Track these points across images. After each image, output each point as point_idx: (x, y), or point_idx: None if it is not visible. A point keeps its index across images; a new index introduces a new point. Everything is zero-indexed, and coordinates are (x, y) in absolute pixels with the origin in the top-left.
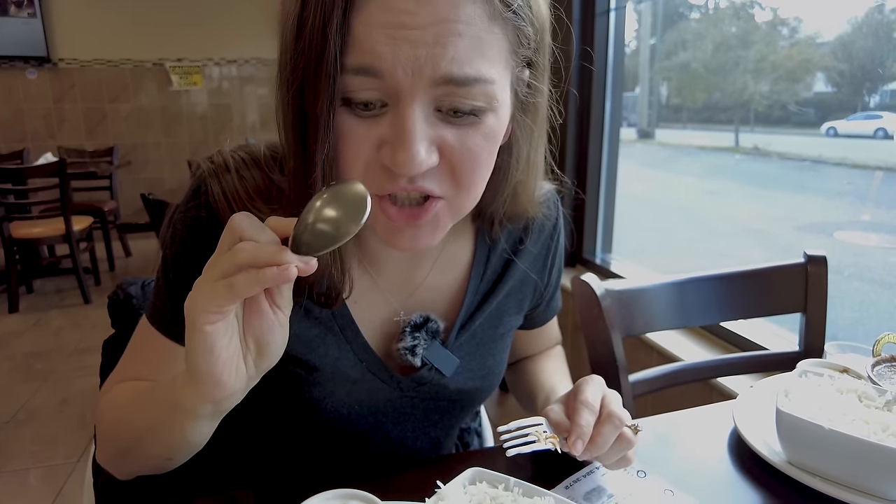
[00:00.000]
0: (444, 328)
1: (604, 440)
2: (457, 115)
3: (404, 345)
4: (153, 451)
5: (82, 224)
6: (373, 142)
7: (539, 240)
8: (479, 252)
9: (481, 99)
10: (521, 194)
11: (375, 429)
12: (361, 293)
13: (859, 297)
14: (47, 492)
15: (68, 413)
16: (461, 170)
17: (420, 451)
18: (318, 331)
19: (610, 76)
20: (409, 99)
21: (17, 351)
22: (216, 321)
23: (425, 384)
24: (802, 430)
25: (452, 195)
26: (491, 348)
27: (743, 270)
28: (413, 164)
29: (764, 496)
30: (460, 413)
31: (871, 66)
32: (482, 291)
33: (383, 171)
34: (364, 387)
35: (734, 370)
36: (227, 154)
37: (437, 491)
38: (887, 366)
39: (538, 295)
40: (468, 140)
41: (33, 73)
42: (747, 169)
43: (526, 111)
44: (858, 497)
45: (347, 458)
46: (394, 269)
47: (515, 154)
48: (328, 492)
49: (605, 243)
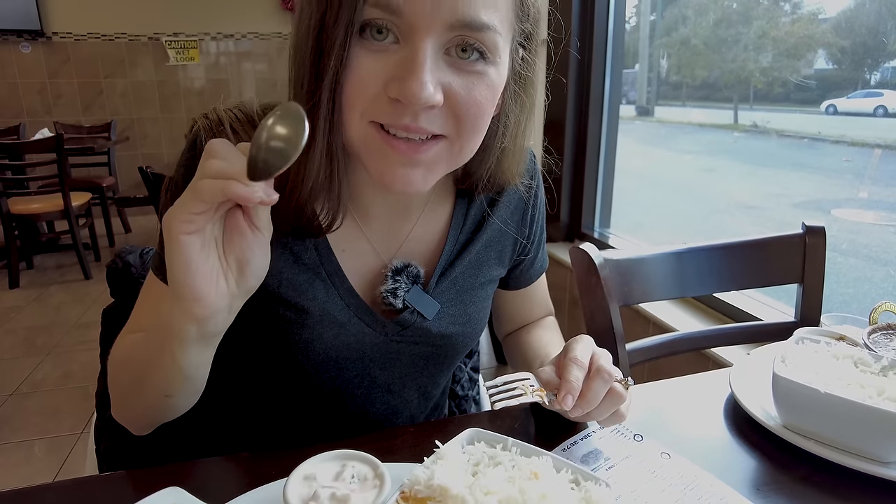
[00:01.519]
0: (425, 275)
1: (593, 395)
2: (464, 53)
3: (386, 287)
4: (151, 390)
5: (81, 200)
6: (382, 76)
7: (515, 194)
8: (459, 206)
9: (487, 47)
10: (505, 162)
11: (363, 375)
12: (350, 243)
13: (855, 274)
14: (52, 462)
15: (71, 386)
16: (465, 114)
17: (409, 402)
18: (307, 276)
19: (610, 52)
20: (423, 36)
21: (19, 326)
22: (190, 231)
23: (408, 327)
24: (799, 394)
25: (454, 136)
26: (471, 296)
27: (741, 241)
28: (422, 94)
29: (759, 459)
30: (444, 361)
31: (874, 43)
32: (461, 242)
33: (390, 103)
34: (351, 330)
35: (730, 340)
36: (222, 111)
37: (436, 451)
38: (883, 333)
39: (520, 248)
40: (473, 87)
41: (27, 46)
42: (745, 146)
43: (518, 82)
44: (852, 459)
45: (340, 410)
46: (382, 223)
47: (504, 121)
48: (327, 453)
49: (604, 218)
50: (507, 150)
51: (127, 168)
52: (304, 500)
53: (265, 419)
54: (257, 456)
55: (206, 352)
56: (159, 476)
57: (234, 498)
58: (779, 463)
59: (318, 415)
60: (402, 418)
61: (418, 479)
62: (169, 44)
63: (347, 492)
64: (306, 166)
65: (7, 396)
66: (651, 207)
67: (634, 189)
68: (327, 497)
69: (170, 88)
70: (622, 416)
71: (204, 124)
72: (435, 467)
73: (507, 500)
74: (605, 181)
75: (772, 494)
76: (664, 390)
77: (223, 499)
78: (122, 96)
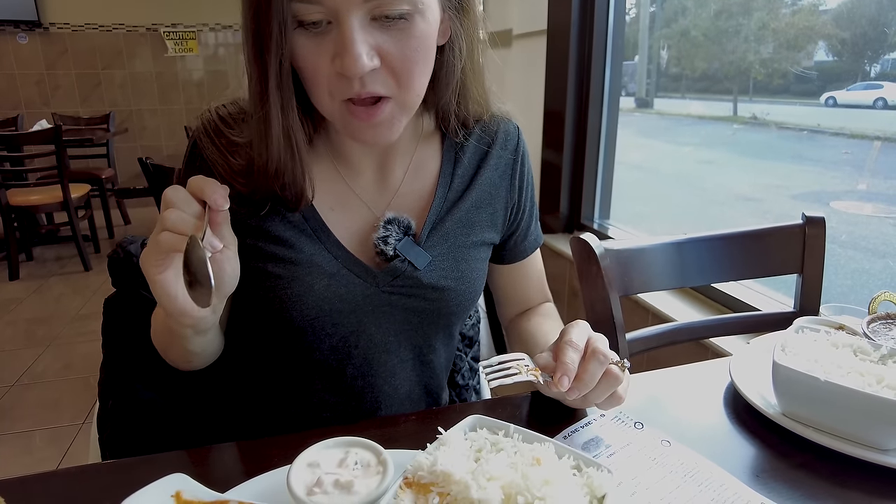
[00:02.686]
0: (416, 228)
1: (589, 376)
2: (388, 20)
3: (377, 235)
4: (176, 358)
5: (80, 191)
6: (326, 56)
7: (503, 154)
8: (446, 161)
9: (406, 3)
10: (470, 89)
11: (359, 332)
12: (339, 201)
13: (854, 266)
14: (54, 452)
15: (72, 377)
16: (400, 70)
17: (405, 363)
18: (293, 232)
19: (610, 44)
20: (346, 15)
21: (19, 317)
22: (162, 270)
23: (399, 276)
24: (798, 382)
25: (397, 93)
26: (464, 254)
27: (741, 231)
28: (358, 65)
29: (758, 446)
30: (438, 320)
31: (874, 34)
32: (451, 199)
33: (339, 78)
34: (341, 281)
35: (730, 330)
36: (214, 110)
37: (439, 437)
38: (882, 323)
39: (512, 216)
40: (401, 42)
41: (24, 37)
42: (745, 138)
43: (458, 9)
44: (851, 446)
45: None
46: (369, 179)
47: (457, 50)
48: (330, 440)
49: (603, 209)
50: (466, 72)
51: (126, 160)
52: (308, 487)
53: (269, 396)
54: (261, 443)
55: (209, 336)
56: (163, 463)
57: (239, 484)
58: (778, 450)
59: (320, 382)
60: (400, 382)
61: (421, 465)
62: (167, 35)
63: (351, 478)
64: (267, 152)
65: (8, 387)
66: (650, 199)
67: (634, 181)
68: (331, 483)
69: (168, 80)
70: (620, 399)
71: (199, 126)
72: (438, 453)
73: (509, 485)
74: (605, 173)
75: (770, 481)
76: (664, 379)
77: (227, 485)
78: (121, 87)
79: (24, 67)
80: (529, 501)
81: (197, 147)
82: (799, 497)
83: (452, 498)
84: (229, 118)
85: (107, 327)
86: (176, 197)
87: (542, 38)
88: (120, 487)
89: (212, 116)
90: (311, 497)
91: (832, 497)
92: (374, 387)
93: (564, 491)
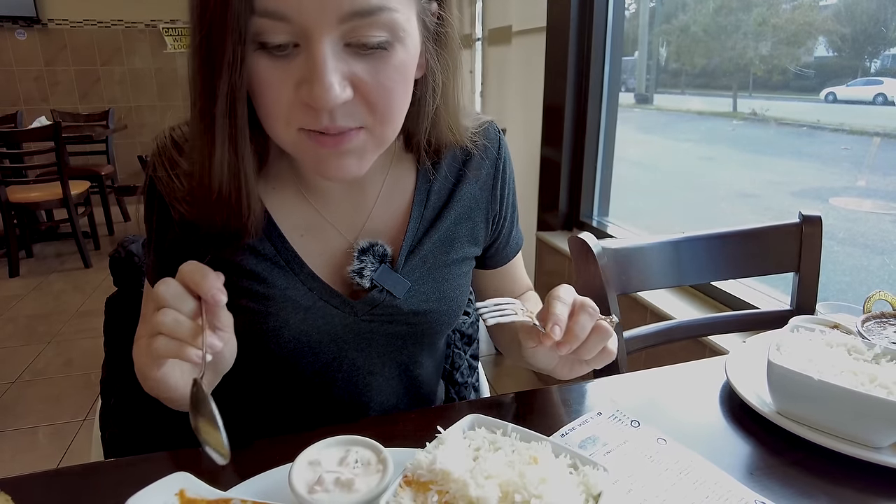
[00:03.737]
0: (392, 253)
1: (580, 328)
2: (365, 48)
3: (352, 267)
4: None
5: (80, 188)
6: (290, 82)
7: (482, 167)
8: (421, 181)
9: (386, 29)
10: (442, 122)
11: (341, 359)
12: (309, 227)
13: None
14: (56, 448)
15: (73, 374)
16: (376, 102)
17: (391, 380)
18: (266, 265)
19: (609, 40)
20: (318, 37)
21: (20, 314)
22: (160, 367)
23: (377, 305)
24: (793, 381)
25: (371, 125)
26: (444, 273)
27: (738, 230)
28: (328, 96)
29: (753, 444)
30: (422, 340)
31: (874, 30)
32: (428, 218)
33: (304, 108)
34: (318, 314)
35: (727, 328)
36: (167, 134)
37: (438, 436)
38: (877, 322)
39: (494, 226)
40: (379, 73)
41: (22, 33)
42: (744, 134)
43: (437, 42)
44: (844, 444)
45: (326, 394)
46: (339, 203)
47: (431, 84)
48: (330, 439)
49: (602, 206)
50: (440, 109)
51: (125, 156)
52: (310, 485)
53: (260, 410)
54: (262, 443)
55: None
56: (166, 461)
57: (241, 483)
58: (772, 448)
59: (307, 402)
60: (387, 397)
61: (420, 464)
62: (166, 31)
63: (351, 476)
64: (210, 181)
65: (9, 384)
66: (650, 196)
67: (633, 177)
68: (332, 481)
69: (167, 76)
70: (611, 354)
71: (153, 151)
72: (437, 452)
73: (506, 483)
74: (604, 169)
75: (764, 478)
76: (661, 377)
77: (230, 484)
78: (120, 84)
79: (22, 63)
80: (526, 499)
81: (153, 182)
82: (792, 494)
83: (451, 496)
84: (183, 142)
85: (108, 326)
86: (168, 293)
87: (541, 35)
88: (124, 486)
89: (166, 141)
90: (312, 495)
91: (825, 494)
92: (361, 404)
93: (561, 489)
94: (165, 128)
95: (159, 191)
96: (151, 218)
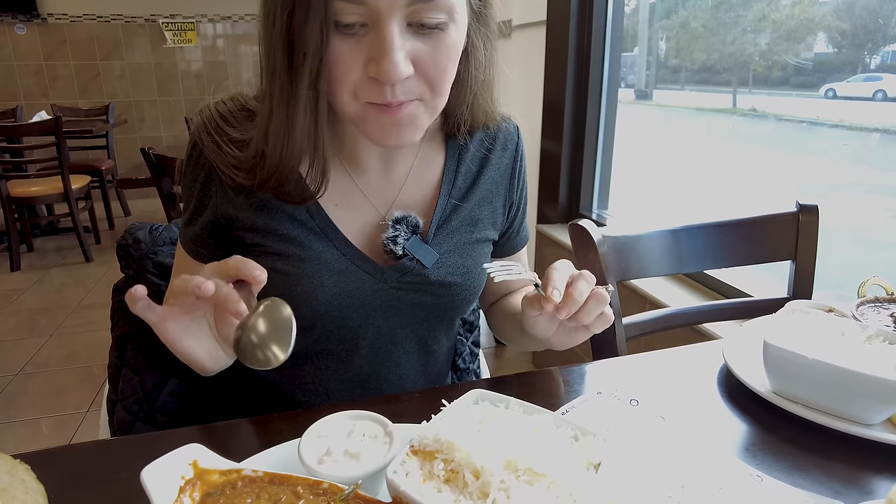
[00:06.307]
0: (423, 226)
1: (578, 293)
2: (424, 28)
3: (387, 235)
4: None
5: (80, 183)
6: (360, 59)
7: (504, 155)
8: (450, 160)
9: (444, 11)
10: (481, 99)
11: (367, 325)
12: (344, 197)
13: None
14: (59, 440)
15: (75, 366)
16: (434, 78)
17: (409, 354)
18: (301, 230)
19: (609, 35)
20: (387, 18)
21: (22, 307)
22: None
23: (407, 273)
24: (788, 361)
25: (428, 97)
26: (468, 250)
27: (736, 219)
28: (396, 72)
29: (749, 423)
30: (444, 313)
31: (874, 26)
32: (456, 196)
33: (370, 83)
34: (350, 277)
35: (724, 315)
36: (213, 106)
37: (443, 409)
38: (871, 306)
39: (509, 214)
40: (436, 51)
41: (22, 28)
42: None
43: (479, 20)
44: (837, 421)
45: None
46: (374, 176)
47: (474, 60)
48: (338, 413)
49: (602, 199)
50: (479, 86)
51: (125, 151)
52: (318, 457)
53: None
54: (272, 417)
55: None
56: (179, 438)
57: (251, 456)
58: (768, 426)
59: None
60: (404, 371)
61: (427, 434)
62: (166, 25)
63: (359, 448)
64: (289, 146)
65: (12, 376)
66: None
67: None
68: (340, 453)
69: (167, 70)
70: (608, 318)
71: (199, 124)
72: (442, 423)
73: (510, 452)
74: (604, 163)
75: (760, 454)
76: (660, 359)
77: (241, 457)
78: (120, 79)
79: (22, 58)
80: (529, 466)
81: (196, 147)
82: (787, 469)
83: (457, 464)
84: (230, 115)
85: (115, 312)
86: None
87: (541, 29)
88: (137, 459)
89: (212, 114)
90: (321, 466)
91: (818, 468)
92: (378, 375)
93: (563, 457)
94: (210, 102)
95: (206, 158)
96: (194, 184)
